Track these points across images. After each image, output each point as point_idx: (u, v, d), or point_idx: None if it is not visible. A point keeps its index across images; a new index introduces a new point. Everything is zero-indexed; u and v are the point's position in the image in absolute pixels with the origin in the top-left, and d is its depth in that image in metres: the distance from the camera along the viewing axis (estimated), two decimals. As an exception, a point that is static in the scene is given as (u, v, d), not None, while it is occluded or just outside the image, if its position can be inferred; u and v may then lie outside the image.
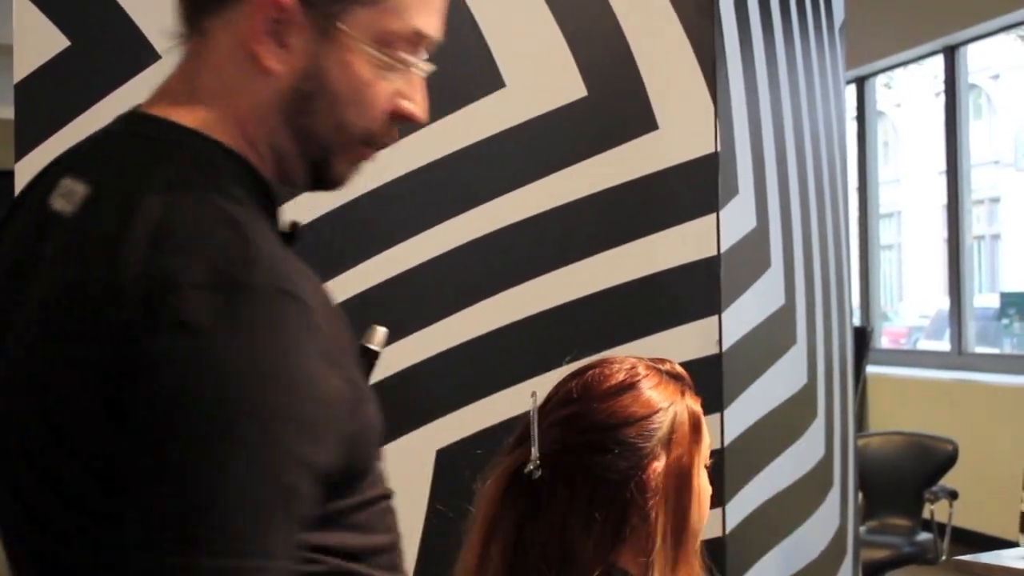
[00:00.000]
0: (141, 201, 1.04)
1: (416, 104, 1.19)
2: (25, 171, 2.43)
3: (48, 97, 2.44)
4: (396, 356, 2.44)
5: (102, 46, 2.46)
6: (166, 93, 1.17)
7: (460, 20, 2.52)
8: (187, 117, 1.13)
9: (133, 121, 1.16)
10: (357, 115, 1.15)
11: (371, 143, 1.19)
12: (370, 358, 1.49)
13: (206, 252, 1.01)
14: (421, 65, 1.18)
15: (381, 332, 1.49)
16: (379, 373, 2.42)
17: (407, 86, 1.18)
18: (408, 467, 2.42)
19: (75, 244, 1.06)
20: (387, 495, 1.23)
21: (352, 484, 1.14)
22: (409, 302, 2.46)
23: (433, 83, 1.14)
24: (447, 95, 2.50)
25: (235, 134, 1.14)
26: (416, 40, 1.17)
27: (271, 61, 1.12)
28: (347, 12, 1.12)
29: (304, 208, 2.46)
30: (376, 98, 1.16)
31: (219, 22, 1.13)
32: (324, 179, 1.20)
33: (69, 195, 1.11)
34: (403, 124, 1.20)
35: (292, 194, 2.46)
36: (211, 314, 0.98)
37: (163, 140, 1.12)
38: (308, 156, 1.17)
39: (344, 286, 2.45)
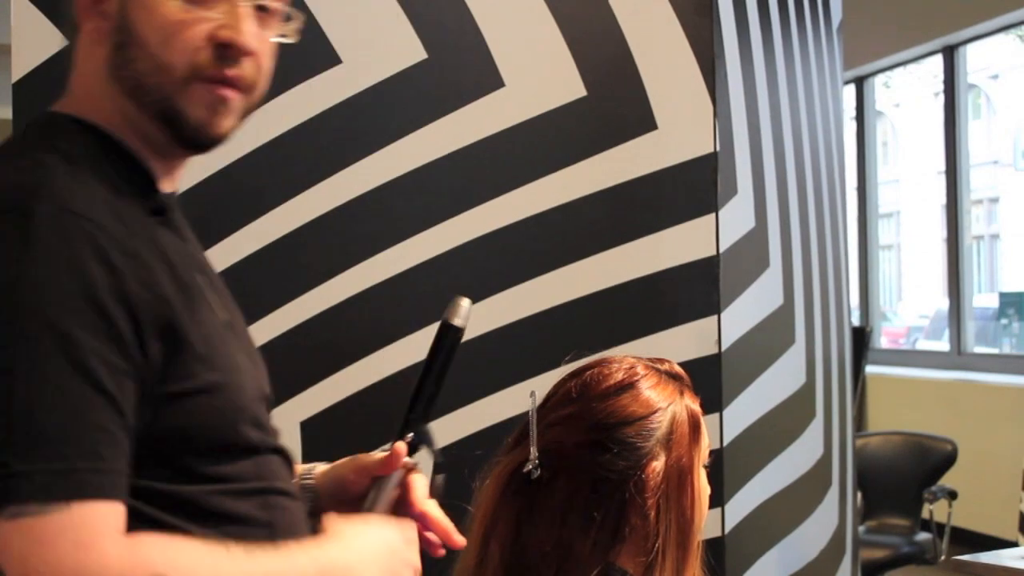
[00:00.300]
0: None
1: (237, 31, 1.20)
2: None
3: (46, 96, 2.43)
4: (394, 356, 2.44)
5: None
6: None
7: (459, 20, 2.52)
8: (61, 104, 1.25)
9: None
10: (171, 52, 1.19)
11: (203, 76, 1.20)
12: (453, 334, 1.44)
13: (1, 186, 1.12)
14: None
15: (464, 306, 1.44)
16: (376, 374, 2.43)
17: (230, 17, 1.20)
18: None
19: None
20: (278, 491, 1.23)
21: (214, 461, 1.16)
22: (408, 302, 2.46)
23: (432, 83, 1.15)
24: (446, 95, 2.50)
25: (92, 109, 1.22)
26: None
27: (94, 30, 1.22)
28: None
29: (305, 209, 2.46)
30: (186, 30, 1.19)
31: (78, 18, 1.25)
32: (184, 131, 1.22)
33: None
34: (229, 55, 1.21)
35: (289, 196, 2.47)
36: None
37: (29, 123, 1.25)
38: (150, 109, 1.20)
39: (343, 286, 2.45)
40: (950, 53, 7.46)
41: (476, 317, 2.53)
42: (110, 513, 1.04)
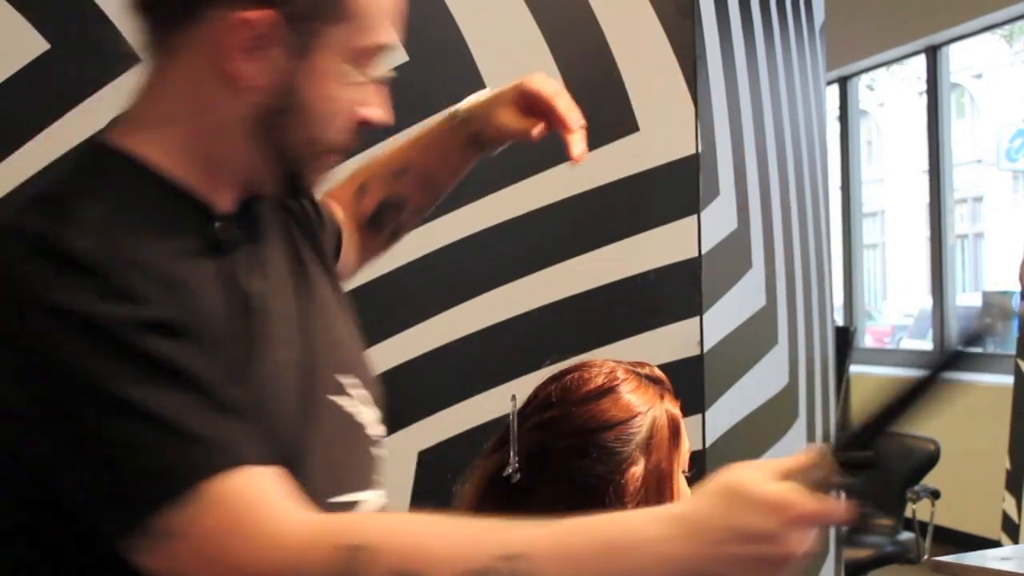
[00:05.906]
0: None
1: (379, 110, 1.22)
2: (5, 175, 2.41)
3: (27, 101, 2.43)
4: (378, 358, 2.43)
5: (82, 49, 2.44)
6: (126, 117, 1.18)
7: (440, 22, 2.52)
8: (130, 140, 1.14)
9: (88, 145, 1.18)
10: (327, 129, 1.17)
11: (339, 152, 1.22)
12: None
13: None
14: (385, 75, 1.22)
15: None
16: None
17: (370, 95, 1.21)
18: (390, 469, 2.42)
19: None
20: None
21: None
22: (391, 304, 2.46)
23: (413, 85, 1.15)
24: (426, 98, 2.49)
25: (184, 154, 1.14)
26: (379, 52, 1.20)
27: (246, 78, 1.12)
28: (324, 31, 1.13)
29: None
30: (343, 111, 1.18)
31: (188, 39, 1.13)
32: (297, 190, 1.24)
33: None
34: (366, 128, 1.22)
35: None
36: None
37: (76, 156, 1.17)
38: (281, 170, 1.18)
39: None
40: (933, 53, 7.47)
41: (459, 319, 2.54)
42: None
